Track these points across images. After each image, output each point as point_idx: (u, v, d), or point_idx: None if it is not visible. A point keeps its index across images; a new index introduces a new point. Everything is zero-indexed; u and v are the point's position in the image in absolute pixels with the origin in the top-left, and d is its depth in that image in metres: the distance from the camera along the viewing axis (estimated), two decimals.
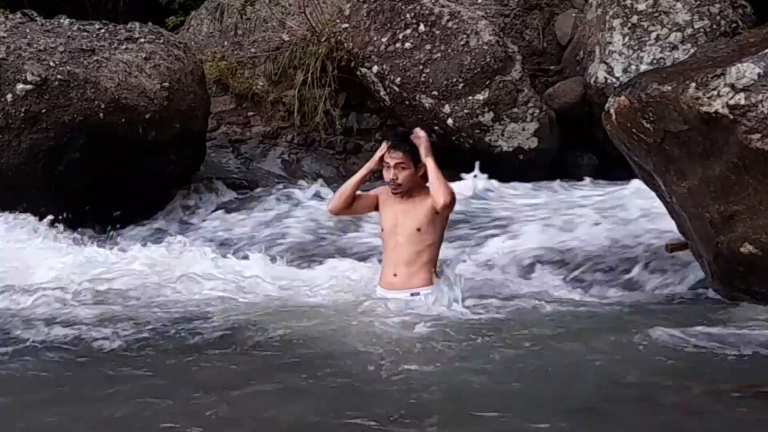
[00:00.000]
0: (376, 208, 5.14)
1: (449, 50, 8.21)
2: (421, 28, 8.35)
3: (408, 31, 8.37)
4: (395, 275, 4.93)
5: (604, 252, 5.82)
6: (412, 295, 4.89)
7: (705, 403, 3.51)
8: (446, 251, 5.42)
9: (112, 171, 6.91)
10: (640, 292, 5.47)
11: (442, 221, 5.00)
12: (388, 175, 4.99)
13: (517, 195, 7.22)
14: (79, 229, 6.68)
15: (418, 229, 4.90)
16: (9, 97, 6.57)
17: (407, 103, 8.35)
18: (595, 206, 6.73)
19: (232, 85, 9.38)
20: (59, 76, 6.72)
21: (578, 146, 8.51)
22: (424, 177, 4.97)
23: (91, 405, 3.52)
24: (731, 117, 4.34)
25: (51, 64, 6.78)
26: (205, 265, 5.80)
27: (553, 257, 5.86)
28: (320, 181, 7.99)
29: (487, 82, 8.12)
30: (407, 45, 8.33)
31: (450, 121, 8.16)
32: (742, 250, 4.61)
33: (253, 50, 9.49)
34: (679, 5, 8.20)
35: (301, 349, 4.20)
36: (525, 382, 3.74)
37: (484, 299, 5.04)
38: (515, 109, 8.15)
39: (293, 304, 5.07)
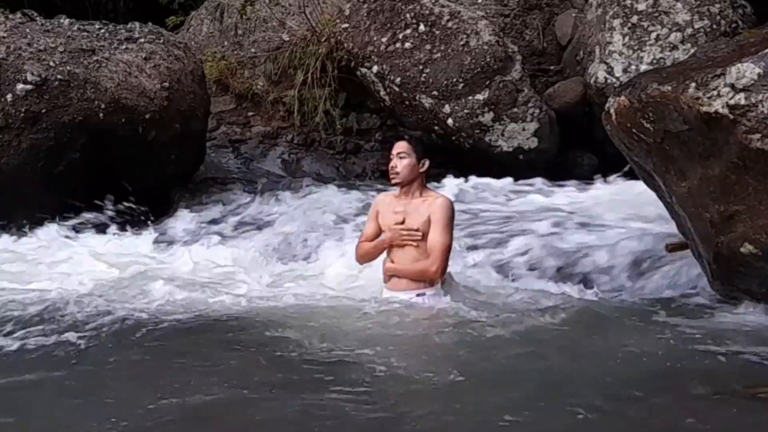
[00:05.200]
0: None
1: (449, 50, 8.20)
2: (421, 28, 8.35)
3: (408, 31, 8.37)
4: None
5: (603, 252, 5.82)
6: (417, 295, 4.88)
7: (704, 403, 3.52)
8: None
9: (113, 171, 6.91)
10: (639, 292, 5.47)
11: None
12: (390, 164, 4.99)
13: (520, 195, 7.23)
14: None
15: (422, 234, 4.87)
16: (9, 97, 6.56)
17: (407, 103, 8.35)
18: (593, 206, 6.74)
19: (232, 85, 9.38)
20: (59, 76, 6.71)
21: (578, 146, 8.51)
22: (428, 176, 4.97)
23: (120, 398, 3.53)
24: (731, 117, 4.34)
25: (51, 64, 6.77)
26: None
27: (553, 257, 5.85)
28: None
29: (487, 82, 8.12)
30: (407, 45, 8.33)
31: (450, 121, 8.16)
32: (742, 250, 4.60)
33: (253, 50, 9.49)
34: (679, 5, 8.20)
35: (305, 348, 4.19)
36: (526, 382, 3.75)
37: (487, 300, 5.05)
38: (515, 109, 8.15)
39: (298, 303, 5.07)
